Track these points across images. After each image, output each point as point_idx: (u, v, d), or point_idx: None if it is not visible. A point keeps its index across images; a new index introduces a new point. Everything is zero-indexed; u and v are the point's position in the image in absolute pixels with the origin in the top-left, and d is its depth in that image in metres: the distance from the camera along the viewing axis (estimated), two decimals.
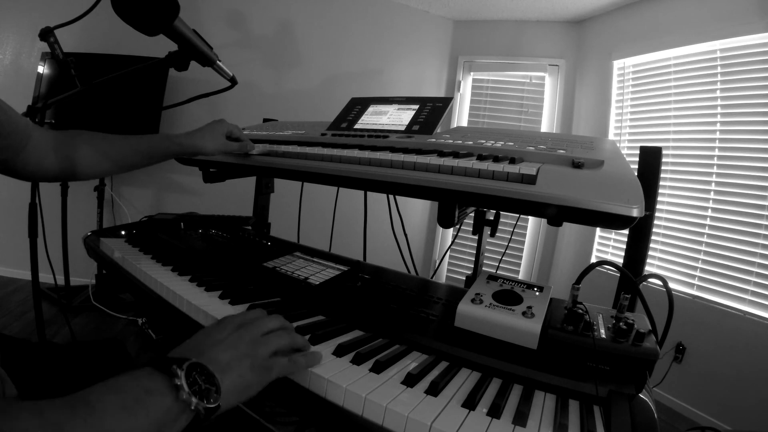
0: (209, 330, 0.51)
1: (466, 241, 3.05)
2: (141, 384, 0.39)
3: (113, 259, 0.97)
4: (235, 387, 0.45)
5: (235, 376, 0.45)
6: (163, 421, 0.38)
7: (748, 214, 1.90)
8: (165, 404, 0.39)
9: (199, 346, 0.47)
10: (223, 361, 0.45)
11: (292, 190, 1.41)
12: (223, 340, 0.49)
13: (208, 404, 0.41)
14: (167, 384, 0.40)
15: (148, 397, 0.38)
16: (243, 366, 0.47)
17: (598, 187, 0.56)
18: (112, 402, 0.36)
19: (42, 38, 1.10)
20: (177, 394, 0.39)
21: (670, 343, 2.09)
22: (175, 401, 0.39)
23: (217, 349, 0.47)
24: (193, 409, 0.40)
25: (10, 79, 2.53)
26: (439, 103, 0.99)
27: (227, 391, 0.43)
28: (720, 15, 2.00)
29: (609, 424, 0.48)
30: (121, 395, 0.37)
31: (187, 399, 0.40)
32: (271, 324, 0.55)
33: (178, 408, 0.39)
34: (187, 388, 0.40)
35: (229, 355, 0.47)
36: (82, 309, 2.37)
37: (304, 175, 0.84)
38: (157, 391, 0.39)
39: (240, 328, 0.52)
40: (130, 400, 0.37)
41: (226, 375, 0.44)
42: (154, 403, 0.38)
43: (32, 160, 0.70)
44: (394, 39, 2.96)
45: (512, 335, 0.61)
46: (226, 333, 0.50)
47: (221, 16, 2.68)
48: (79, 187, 2.48)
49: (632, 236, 0.80)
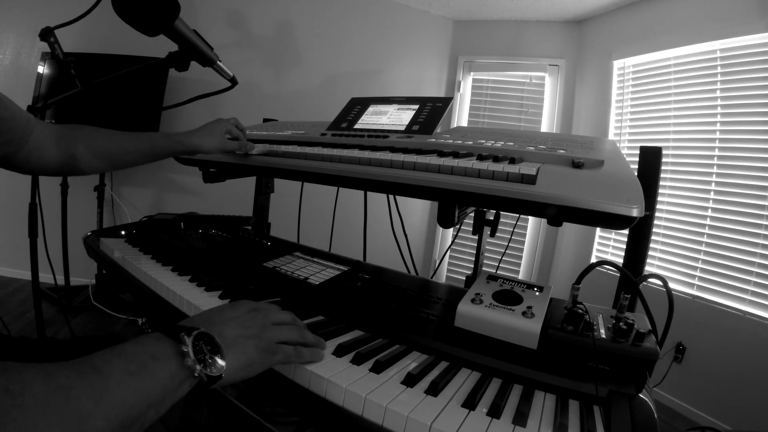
0: (223, 307, 0.53)
1: (466, 241, 3.05)
2: (147, 349, 0.40)
3: (113, 259, 0.97)
4: (238, 362, 0.46)
5: (239, 352, 0.46)
6: (168, 385, 0.39)
7: (748, 214, 1.90)
8: (170, 369, 0.40)
9: (211, 319, 0.49)
10: (230, 336, 0.47)
11: (292, 190, 1.41)
12: (234, 318, 0.50)
13: (210, 373, 0.42)
14: (173, 350, 0.41)
15: (154, 362, 0.39)
16: (249, 344, 0.48)
17: (598, 187, 0.56)
18: (118, 366, 0.37)
19: (42, 38, 1.10)
20: (182, 360, 0.41)
21: (670, 343, 2.09)
22: (180, 367, 0.40)
23: (226, 324, 0.48)
24: (196, 375, 0.41)
25: (10, 79, 2.53)
26: (439, 103, 0.99)
27: (230, 364, 0.45)
28: (720, 15, 2.00)
29: (609, 424, 0.48)
30: (127, 360, 0.38)
31: (191, 365, 0.41)
32: (283, 316, 0.57)
33: (182, 374, 0.40)
34: (193, 355, 0.41)
35: (237, 331, 0.48)
36: (82, 309, 2.37)
37: (304, 175, 0.84)
38: (163, 357, 0.40)
39: (253, 311, 0.53)
40: (136, 365, 0.38)
41: (231, 349, 0.46)
42: (159, 368, 0.39)
43: (34, 154, 0.71)
44: (394, 39, 2.96)
45: (512, 335, 0.61)
46: (238, 313, 0.52)
47: (221, 16, 2.68)
48: (79, 187, 2.48)
49: (632, 236, 0.80)
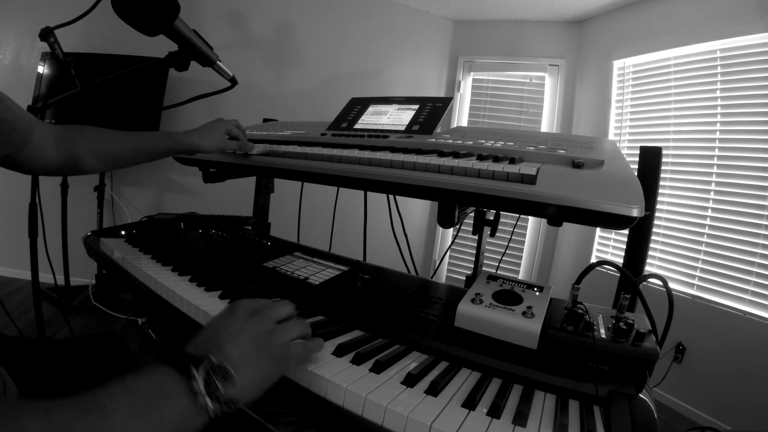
0: (224, 319, 0.50)
1: (466, 241, 3.05)
2: (156, 385, 0.38)
3: (113, 259, 0.97)
4: (253, 380, 0.44)
5: (253, 371, 0.45)
6: (178, 423, 0.38)
7: (748, 214, 1.90)
8: (180, 407, 0.38)
9: (216, 339, 0.46)
10: (240, 355, 0.45)
11: (292, 190, 1.41)
12: (239, 332, 0.48)
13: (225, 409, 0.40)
14: (184, 385, 0.39)
15: (164, 400, 0.37)
16: (261, 360, 0.46)
17: (598, 187, 0.56)
18: (125, 405, 0.35)
19: (42, 38, 1.10)
20: (194, 397, 0.39)
21: (670, 343, 2.09)
22: (192, 404, 0.39)
23: (234, 342, 0.46)
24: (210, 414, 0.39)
25: (10, 79, 2.53)
26: (439, 103, 0.99)
27: (246, 386, 0.43)
28: (720, 15, 2.00)
29: (609, 424, 0.48)
30: (134, 397, 0.36)
31: (203, 402, 0.39)
32: (284, 310, 0.54)
33: (193, 410, 0.39)
34: (205, 392, 0.39)
35: (246, 347, 0.46)
36: (82, 309, 2.37)
37: (304, 175, 0.84)
38: (174, 393, 0.38)
39: (254, 316, 0.50)
40: (144, 403, 0.36)
41: (244, 370, 0.44)
42: (169, 406, 0.37)
43: (36, 154, 0.71)
44: (394, 39, 2.96)
45: (512, 335, 0.61)
46: (240, 322, 0.49)
47: (221, 16, 2.68)
48: (79, 187, 2.48)
49: (632, 236, 0.80)
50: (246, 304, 0.53)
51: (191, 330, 0.64)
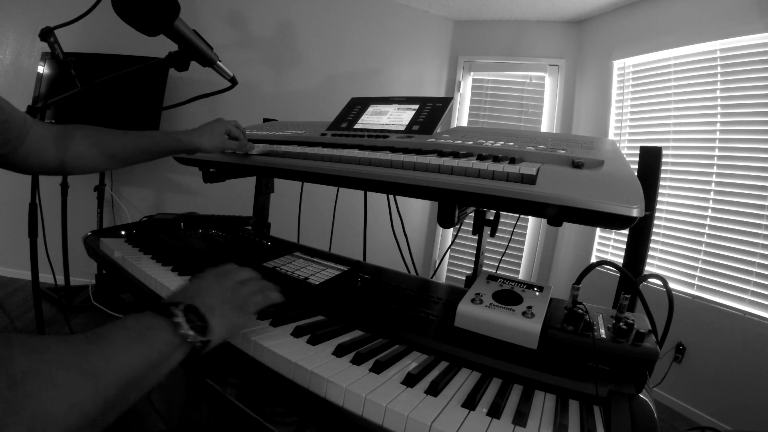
0: (193, 280, 0.59)
1: (466, 241, 3.05)
2: (144, 322, 0.46)
3: (113, 259, 0.97)
4: (221, 324, 0.53)
5: (219, 316, 0.53)
6: (165, 351, 0.45)
7: (748, 214, 1.90)
8: (166, 337, 0.46)
9: (188, 293, 0.54)
10: (209, 304, 0.53)
11: (292, 190, 1.41)
12: (207, 287, 0.57)
13: (202, 337, 0.49)
14: (166, 322, 0.47)
15: (151, 332, 0.45)
16: (226, 308, 0.55)
17: (598, 187, 0.56)
18: (121, 335, 0.43)
19: (42, 38, 1.10)
20: (175, 330, 0.47)
21: (670, 343, 2.09)
22: (174, 335, 0.46)
23: (204, 294, 0.55)
24: (189, 341, 0.47)
25: (10, 79, 2.53)
26: (439, 103, 0.99)
27: (215, 328, 0.51)
28: (720, 15, 2.00)
29: (609, 424, 0.48)
30: (128, 330, 0.44)
31: (184, 333, 0.47)
32: (244, 273, 0.63)
33: (176, 341, 0.46)
34: (186, 324, 0.47)
35: (214, 299, 0.55)
36: (82, 309, 2.37)
37: (304, 175, 0.84)
38: (159, 328, 0.46)
39: (220, 277, 0.60)
40: (136, 334, 0.44)
41: (213, 315, 0.52)
42: (156, 336, 0.45)
43: (32, 153, 0.71)
44: (394, 39, 2.96)
45: (512, 335, 0.61)
46: (208, 281, 0.58)
47: (221, 16, 2.68)
48: (79, 187, 2.48)
49: (632, 236, 0.80)
50: (212, 270, 0.62)
51: None
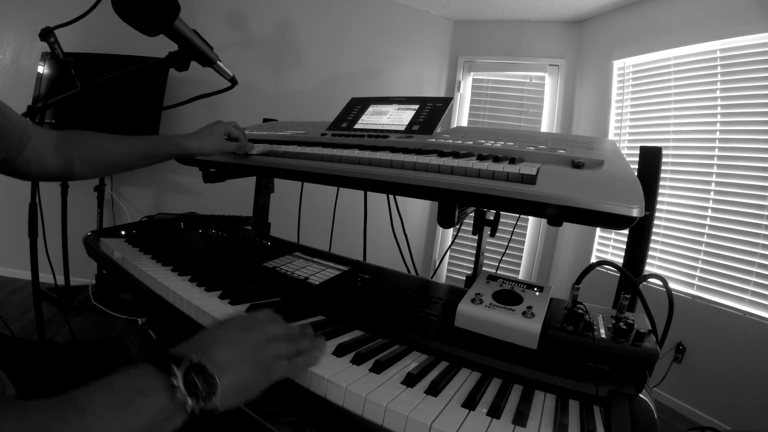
0: (214, 329, 0.50)
1: (466, 241, 3.05)
2: (134, 383, 0.38)
3: (113, 259, 0.97)
4: (234, 388, 0.44)
5: (234, 377, 0.44)
6: (156, 420, 0.37)
7: (748, 214, 1.90)
8: (158, 404, 0.38)
9: (202, 344, 0.46)
10: (224, 361, 0.44)
11: (292, 190, 1.41)
12: (227, 340, 0.47)
13: (204, 406, 0.40)
14: (163, 383, 0.39)
15: (141, 396, 0.37)
16: (244, 368, 0.46)
17: (598, 187, 0.56)
18: (101, 402, 0.35)
19: (42, 38, 1.10)
20: (172, 393, 0.38)
21: (670, 343, 2.09)
22: (170, 401, 0.38)
23: (219, 348, 0.46)
24: (188, 410, 0.39)
25: (10, 79, 2.53)
26: (439, 103, 0.99)
27: (226, 392, 0.42)
28: (720, 15, 2.00)
29: (609, 424, 0.48)
30: (112, 395, 0.36)
31: (182, 399, 0.39)
32: (275, 330, 0.53)
33: (172, 407, 0.38)
34: (184, 389, 0.39)
35: (231, 355, 0.46)
36: (82, 309, 2.37)
37: (304, 175, 0.84)
38: (152, 391, 0.38)
39: (246, 329, 0.50)
40: (121, 400, 0.36)
41: (226, 375, 0.43)
42: (146, 403, 0.37)
43: (33, 159, 0.71)
44: (394, 39, 2.96)
45: (512, 335, 0.61)
46: (231, 332, 0.49)
47: (221, 16, 2.68)
48: (79, 187, 2.48)
49: (632, 236, 0.80)
50: (240, 318, 0.53)
51: (191, 330, 0.64)
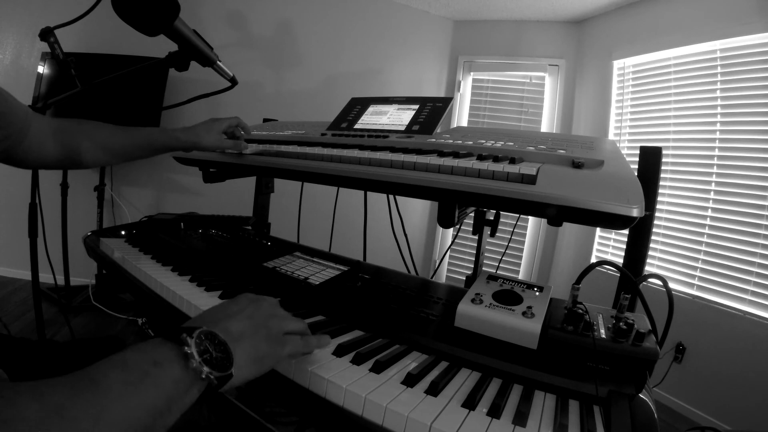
0: (225, 303, 0.50)
1: (466, 241, 3.05)
2: (148, 356, 0.37)
3: (113, 259, 0.97)
4: (248, 357, 0.43)
5: (248, 346, 0.44)
6: (173, 393, 0.36)
7: (748, 214, 1.90)
8: (174, 375, 0.37)
9: (214, 317, 0.46)
10: (237, 331, 0.44)
11: (292, 190, 1.41)
12: (238, 312, 0.47)
13: (219, 372, 0.39)
14: (176, 353, 0.38)
15: (156, 368, 0.36)
16: (257, 337, 0.45)
17: (598, 187, 0.56)
18: (117, 377, 0.34)
19: (42, 38, 1.10)
20: (186, 363, 0.38)
21: (670, 343, 2.09)
22: (185, 370, 0.37)
23: (231, 319, 0.46)
24: (204, 378, 0.38)
25: (10, 79, 2.53)
26: (439, 103, 0.99)
27: (240, 361, 0.42)
28: (720, 15, 2.00)
29: (609, 424, 0.48)
30: (126, 370, 0.35)
31: (197, 367, 0.38)
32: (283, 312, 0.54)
33: (188, 378, 0.37)
34: (198, 356, 0.38)
35: (243, 324, 0.46)
36: (82, 309, 2.37)
37: (304, 175, 0.84)
38: (166, 361, 0.37)
39: (256, 302, 0.51)
40: (137, 374, 0.35)
41: (239, 344, 0.43)
42: (162, 374, 0.36)
43: (33, 148, 0.71)
44: (394, 39, 2.96)
45: (512, 335, 0.61)
46: (241, 305, 0.49)
47: (221, 16, 2.68)
48: (79, 187, 2.48)
49: (632, 236, 0.80)
50: (249, 295, 0.54)
51: None
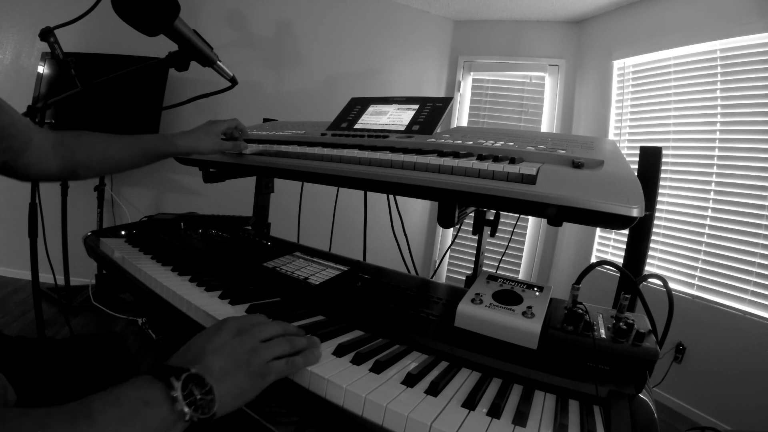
0: (210, 334, 0.52)
1: (466, 241, 3.05)
2: (140, 395, 0.41)
3: (113, 259, 0.97)
4: (229, 394, 0.46)
5: (229, 384, 0.47)
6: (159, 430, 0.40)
7: (748, 214, 1.90)
8: (161, 414, 0.41)
9: (198, 352, 0.49)
10: (220, 369, 0.47)
11: (292, 190, 1.41)
12: (222, 347, 0.50)
13: (202, 415, 0.43)
14: (164, 394, 0.41)
15: (146, 408, 0.40)
16: (239, 374, 0.48)
17: (598, 187, 0.56)
18: (112, 414, 0.38)
19: (42, 38, 1.10)
20: (173, 405, 0.41)
21: (670, 343, 2.09)
22: (171, 412, 0.41)
23: (215, 356, 0.48)
24: (187, 420, 0.42)
25: (10, 79, 2.53)
26: (439, 103, 0.99)
27: (222, 399, 0.45)
28: (720, 15, 2.00)
29: (609, 424, 0.48)
30: (121, 407, 0.39)
31: (181, 410, 0.41)
32: (271, 330, 0.55)
33: (173, 418, 0.41)
34: (183, 400, 0.42)
35: (226, 362, 0.48)
36: (82, 309, 2.37)
37: (304, 175, 0.84)
38: (155, 402, 0.41)
39: (241, 334, 0.52)
40: (129, 412, 0.39)
41: (222, 383, 0.46)
42: (151, 414, 0.40)
43: (33, 161, 0.71)
44: (394, 39, 2.96)
45: (512, 335, 0.61)
46: (226, 338, 0.51)
47: (221, 16, 2.68)
48: (79, 187, 2.48)
49: (632, 236, 0.80)
50: (234, 322, 0.54)
51: (191, 330, 0.64)
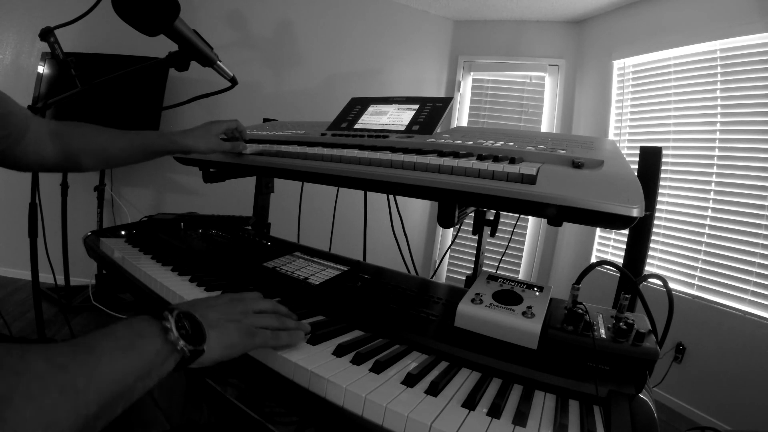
0: (206, 297, 0.58)
1: (466, 241, 3.05)
2: (135, 329, 0.44)
3: (113, 259, 0.97)
4: (219, 341, 0.50)
5: (221, 333, 0.50)
6: (154, 361, 0.43)
7: (748, 214, 1.90)
8: (155, 346, 0.43)
9: (194, 305, 0.53)
10: (212, 318, 0.51)
11: (292, 190, 1.41)
12: (217, 304, 0.55)
13: (192, 346, 0.46)
14: (158, 328, 0.45)
15: (140, 339, 0.43)
16: (230, 327, 0.52)
17: (598, 187, 0.56)
18: (109, 345, 0.41)
19: (42, 38, 1.10)
20: (166, 336, 0.44)
21: (670, 343, 2.09)
22: (164, 343, 0.44)
23: (209, 309, 0.52)
24: (179, 349, 0.45)
25: (10, 79, 2.53)
26: (439, 103, 0.99)
27: (212, 343, 0.48)
28: (720, 15, 2.00)
29: (609, 424, 0.48)
30: (116, 339, 0.42)
31: (174, 340, 0.44)
32: (264, 305, 0.60)
33: (166, 349, 0.44)
34: (176, 331, 0.45)
35: (218, 315, 0.52)
36: (82, 309, 2.37)
37: (304, 175, 0.84)
38: (149, 335, 0.44)
39: (234, 300, 0.57)
40: (125, 343, 0.42)
41: (213, 330, 0.49)
42: (145, 345, 0.43)
43: (31, 149, 0.72)
44: (394, 39, 2.96)
45: (512, 335, 0.61)
46: (221, 301, 0.56)
47: (221, 16, 2.68)
48: (79, 187, 2.48)
49: (632, 236, 0.80)
50: (232, 293, 0.60)
51: None
